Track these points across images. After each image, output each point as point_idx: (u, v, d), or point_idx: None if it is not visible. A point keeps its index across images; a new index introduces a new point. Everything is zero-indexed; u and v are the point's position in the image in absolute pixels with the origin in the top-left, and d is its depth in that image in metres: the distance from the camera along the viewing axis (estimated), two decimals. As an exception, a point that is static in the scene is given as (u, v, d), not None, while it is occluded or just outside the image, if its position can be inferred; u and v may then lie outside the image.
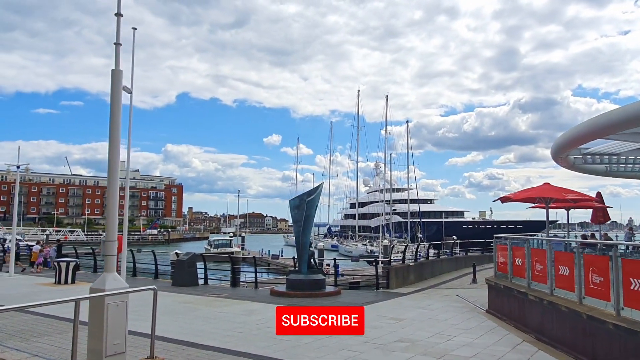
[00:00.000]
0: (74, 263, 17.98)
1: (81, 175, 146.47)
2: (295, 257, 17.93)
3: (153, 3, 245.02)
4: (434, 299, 14.61)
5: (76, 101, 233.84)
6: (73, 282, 17.81)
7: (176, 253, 19.57)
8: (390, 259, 17.36)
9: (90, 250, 26.88)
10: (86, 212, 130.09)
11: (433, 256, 21.24)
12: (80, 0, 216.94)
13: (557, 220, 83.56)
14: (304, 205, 15.69)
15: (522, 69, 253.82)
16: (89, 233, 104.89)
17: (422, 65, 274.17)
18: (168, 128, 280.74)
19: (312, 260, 16.18)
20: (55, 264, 17.81)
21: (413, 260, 19.24)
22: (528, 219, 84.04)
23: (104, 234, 8.08)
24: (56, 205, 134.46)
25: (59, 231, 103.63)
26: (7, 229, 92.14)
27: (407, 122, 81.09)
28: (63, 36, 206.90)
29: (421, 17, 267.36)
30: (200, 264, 19.33)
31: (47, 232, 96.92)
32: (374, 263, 46.53)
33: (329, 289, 15.99)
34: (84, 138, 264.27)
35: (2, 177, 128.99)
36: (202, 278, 19.15)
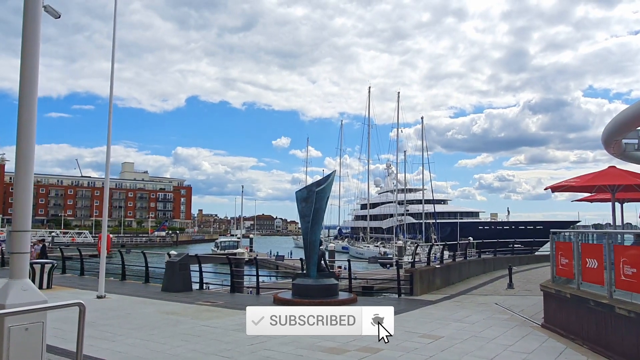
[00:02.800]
0: (50, 265, 15.72)
1: (89, 177, 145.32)
2: (303, 258, 15.59)
3: (162, 8, 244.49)
4: (469, 309, 12.11)
5: (87, 105, 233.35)
6: (49, 286, 15.57)
7: (168, 254, 17.22)
8: (414, 261, 14.86)
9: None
10: (94, 213, 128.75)
11: (448, 258, 18.84)
12: (90, 5, 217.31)
13: (578, 221, 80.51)
14: (313, 197, 13.28)
15: (532, 70, 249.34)
16: (97, 235, 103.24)
17: (430, 67, 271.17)
18: (178, 131, 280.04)
19: (322, 261, 13.78)
20: (29, 266, 15.55)
21: (439, 262, 16.74)
22: (547, 220, 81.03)
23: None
24: (64, 207, 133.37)
25: (66, 233, 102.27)
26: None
27: (421, 118, 78.27)
28: (74, 41, 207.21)
29: (429, 19, 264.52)
30: (195, 267, 17.01)
31: (54, 234, 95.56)
32: (389, 266, 44.05)
33: (342, 295, 13.57)
34: (95, 141, 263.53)
35: (11, 178, 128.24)
36: (197, 282, 16.84)
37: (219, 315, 10.91)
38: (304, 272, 13.96)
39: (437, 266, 15.99)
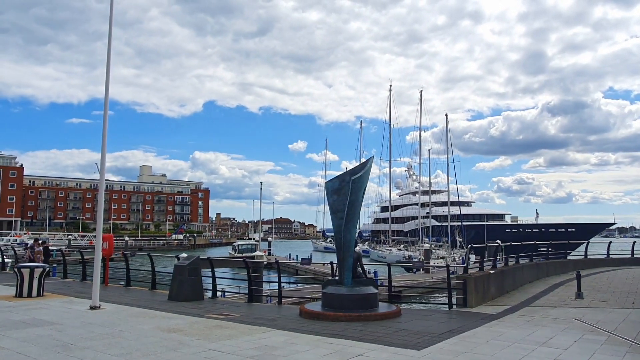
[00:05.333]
0: (42, 269, 13.62)
1: (107, 180, 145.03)
2: (334, 262, 13.26)
3: (179, 15, 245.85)
4: (547, 327, 9.60)
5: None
6: (40, 294, 13.47)
7: (177, 257, 15.01)
8: (467, 266, 12.38)
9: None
10: (112, 217, 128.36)
11: (475, 263, 16.27)
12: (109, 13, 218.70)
13: (614, 223, 76.63)
14: (347, 187, 10.92)
15: (550, 72, 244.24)
16: (114, 238, 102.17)
17: (447, 70, 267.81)
18: (195, 136, 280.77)
19: (358, 266, 11.41)
20: (16, 270, 13.51)
21: (491, 267, 14.21)
22: (579, 222, 77.21)
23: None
24: (83, 210, 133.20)
25: (84, 236, 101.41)
26: (32, 233, 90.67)
27: (445, 115, 75.20)
28: (94, 48, 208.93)
29: (445, 22, 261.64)
30: (207, 272, 14.80)
31: (71, 237, 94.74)
32: (415, 270, 41.35)
33: (382, 307, 11.17)
34: (115, 146, 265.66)
35: (30, 182, 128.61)
36: (210, 290, 14.62)
37: (233, 334, 8.60)
38: (336, 278, 11.60)
39: (491, 272, 13.46)
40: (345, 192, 11.00)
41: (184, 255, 15.95)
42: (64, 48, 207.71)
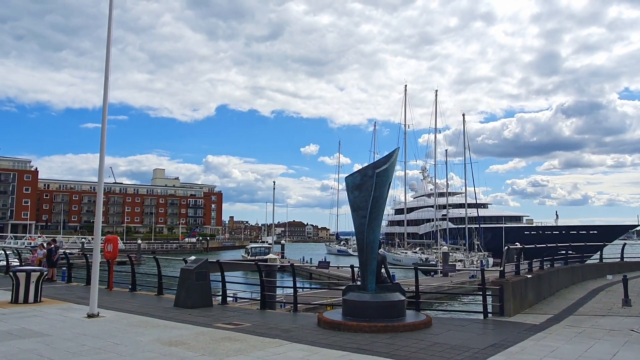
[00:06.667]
0: (38, 273, 12.65)
1: (121, 184, 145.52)
2: (354, 265, 12.13)
3: (192, 20, 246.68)
4: (604, 340, 8.33)
5: (121, 115, 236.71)
6: (37, 300, 12.50)
7: (185, 260, 13.94)
8: (503, 269, 11.10)
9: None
10: (125, 220, 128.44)
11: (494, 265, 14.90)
12: (124, 18, 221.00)
13: (638, 225, 74.12)
14: (371, 182, 9.76)
15: (564, 73, 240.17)
16: (127, 241, 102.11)
17: (459, 72, 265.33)
18: (208, 139, 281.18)
19: (382, 270, 10.24)
20: (11, 274, 12.55)
21: (527, 270, 12.91)
22: (602, 224, 74.93)
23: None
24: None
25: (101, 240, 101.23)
26: (46, 236, 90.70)
27: (462, 115, 73.44)
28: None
29: (457, 23, 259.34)
30: (217, 276, 13.72)
31: (84, 240, 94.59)
32: (433, 273, 39.92)
33: (410, 315, 9.99)
34: (129, 151, 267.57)
35: (45, 185, 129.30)
36: (220, 295, 13.55)
37: (242, 348, 7.47)
38: (358, 283, 10.44)
39: (528, 276, 12.17)
40: (367, 187, 9.85)
41: (192, 258, 14.88)
42: (78, 54, 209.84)
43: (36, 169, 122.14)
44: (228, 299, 13.73)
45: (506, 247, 11.97)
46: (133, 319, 10.27)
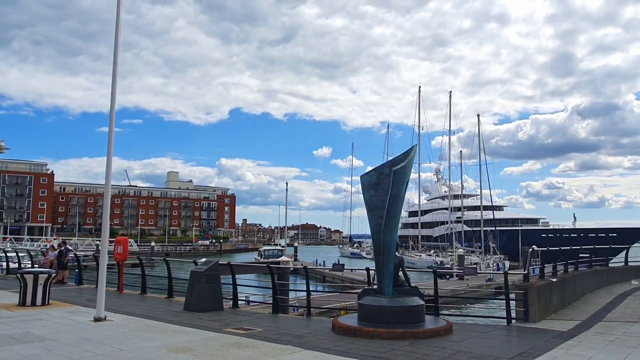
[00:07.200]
0: (46, 275, 12.38)
1: (135, 186, 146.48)
2: (370, 267, 11.68)
3: (205, 24, 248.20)
4: (639, 349, 7.75)
5: (136, 119, 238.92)
6: (45, 302, 12.22)
7: (195, 262, 13.59)
8: (527, 272, 10.53)
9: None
10: (140, 222, 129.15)
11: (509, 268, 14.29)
12: (138, 23, 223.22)
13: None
14: (388, 180, 9.29)
15: (579, 74, 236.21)
16: (142, 244, 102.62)
17: (473, 74, 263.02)
18: (221, 143, 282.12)
19: (400, 272, 9.75)
20: (19, 276, 12.29)
21: (551, 274, 12.30)
22: (621, 226, 73.37)
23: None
24: (112, 216, 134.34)
25: (112, 241, 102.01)
26: (62, 239, 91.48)
27: (477, 115, 72.37)
28: (123, 58, 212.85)
29: (470, 25, 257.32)
30: (228, 278, 13.34)
31: (99, 242, 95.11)
32: (448, 277, 39.16)
33: (429, 321, 9.48)
34: (144, 154, 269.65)
35: (61, 188, 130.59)
36: (231, 298, 13.15)
37: (253, 356, 7.04)
38: (374, 286, 9.96)
39: (553, 280, 11.58)
40: (384, 185, 9.39)
41: (203, 260, 14.51)
42: (94, 59, 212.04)
43: (52, 171, 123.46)
44: (239, 302, 13.35)
45: (530, 249, 11.37)
46: (141, 323, 9.91)
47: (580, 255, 16.78)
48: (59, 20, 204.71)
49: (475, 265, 44.76)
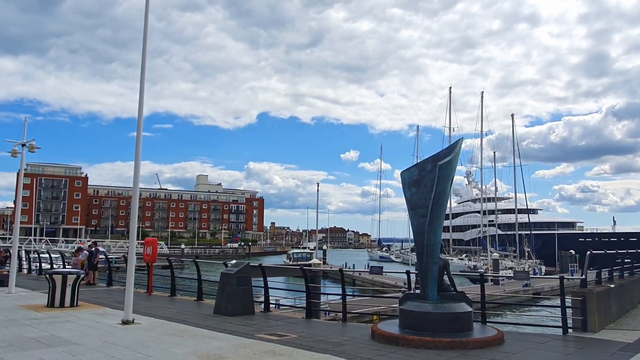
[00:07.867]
0: (75, 276, 12.10)
1: (166, 189, 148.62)
2: (410, 271, 10.97)
3: (234, 30, 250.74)
4: None
5: (166, 124, 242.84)
6: (74, 303, 11.94)
7: (225, 264, 13.12)
8: (585, 278, 9.66)
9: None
10: (170, 225, 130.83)
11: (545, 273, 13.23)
12: (169, 30, 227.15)
13: None
14: (432, 176, 8.59)
15: (614, 74, 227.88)
16: (172, 246, 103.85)
17: (502, 76, 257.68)
18: (250, 146, 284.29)
19: (445, 276, 9.02)
20: (47, 277, 12.05)
21: (608, 279, 11.33)
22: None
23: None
24: (143, 218, 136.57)
25: (142, 243, 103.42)
26: (93, 241, 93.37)
27: (511, 115, 70.41)
28: (154, 65, 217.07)
29: (499, 26, 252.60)
30: (258, 281, 12.82)
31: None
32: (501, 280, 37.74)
33: (477, 329, 8.71)
34: (174, 158, 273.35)
35: (94, 191, 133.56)
36: (262, 301, 12.63)
37: (289, 366, 6.46)
38: (417, 291, 9.25)
39: (611, 286, 10.62)
40: (427, 182, 8.69)
41: (233, 261, 14.05)
42: (127, 65, 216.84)
43: (86, 175, 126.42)
44: (271, 305, 12.81)
45: (588, 253, 10.46)
46: (169, 327, 9.45)
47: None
48: (93, 29, 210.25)
49: (529, 270, 43.13)
